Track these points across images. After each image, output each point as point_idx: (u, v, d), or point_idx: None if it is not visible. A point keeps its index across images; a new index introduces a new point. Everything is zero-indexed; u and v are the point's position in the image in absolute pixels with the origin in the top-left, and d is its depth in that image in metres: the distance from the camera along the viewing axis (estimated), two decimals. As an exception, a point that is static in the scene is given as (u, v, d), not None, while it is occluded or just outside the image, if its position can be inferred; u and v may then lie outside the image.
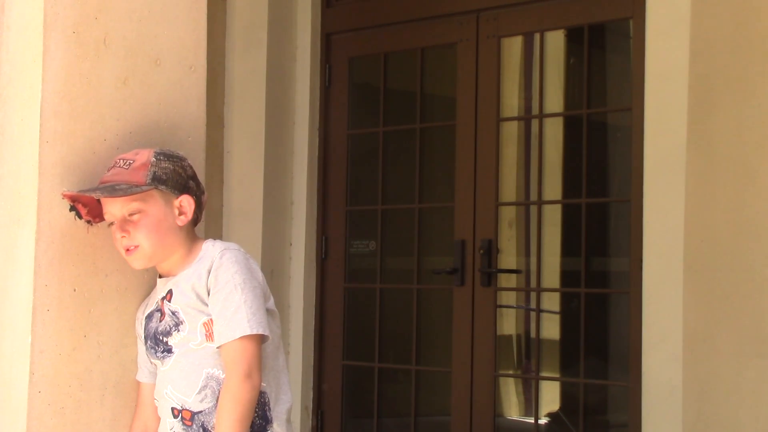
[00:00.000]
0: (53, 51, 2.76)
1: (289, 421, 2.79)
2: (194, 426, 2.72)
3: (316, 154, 6.09)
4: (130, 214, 2.71)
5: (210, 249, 2.75)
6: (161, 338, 2.75)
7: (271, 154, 6.03)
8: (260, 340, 2.68)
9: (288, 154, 6.10)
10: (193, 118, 2.98)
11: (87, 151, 2.79)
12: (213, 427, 2.69)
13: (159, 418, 2.83)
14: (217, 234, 5.92)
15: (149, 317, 2.80)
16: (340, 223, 6.09)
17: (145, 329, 2.80)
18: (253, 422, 2.69)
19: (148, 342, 2.78)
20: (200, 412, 2.71)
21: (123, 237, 2.71)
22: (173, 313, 2.73)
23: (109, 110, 2.83)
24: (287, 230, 6.08)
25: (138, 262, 2.74)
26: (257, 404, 2.69)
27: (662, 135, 4.80)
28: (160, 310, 2.77)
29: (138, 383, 2.86)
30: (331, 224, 6.09)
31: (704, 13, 4.68)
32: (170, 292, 2.75)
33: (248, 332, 2.64)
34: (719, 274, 4.60)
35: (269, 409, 2.75)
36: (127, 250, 2.72)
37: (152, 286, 2.86)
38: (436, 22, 5.79)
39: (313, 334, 6.05)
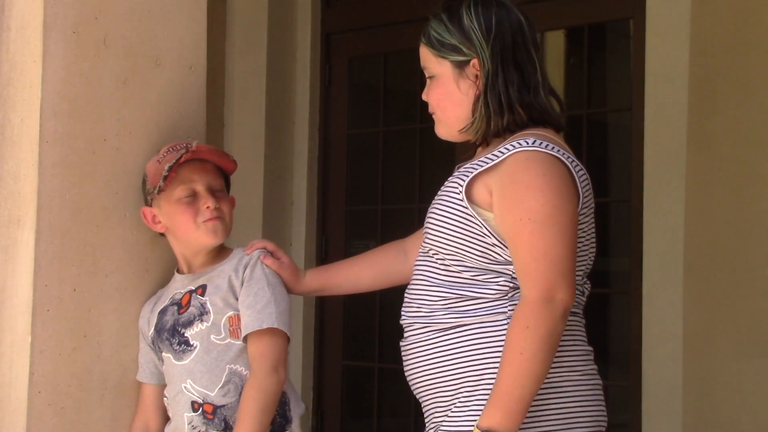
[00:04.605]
0: (53, 51, 2.75)
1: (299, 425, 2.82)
2: (216, 420, 2.72)
3: (316, 154, 6.08)
4: (219, 190, 2.81)
5: (242, 252, 2.84)
6: (180, 330, 2.76)
7: (271, 154, 6.02)
8: (286, 338, 2.72)
9: (288, 154, 6.10)
10: (193, 118, 2.98)
11: (87, 151, 2.79)
12: (235, 422, 2.69)
13: (160, 419, 2.83)
14: (217, 234, 5.91)
15: (163, 312, 2.80)
16: (340, 223, 6.08)
17: (157, 324, 2.80)
18: (274, 420, 2.70)
19: (164, 335, 2.78)
20: (223, 406, 2.72)
21: (216, 208, 2.77)
22: (201, 304, 2.75)
23: (109, 110, 2.83)
24: (287, 230, 6.07)
25: (219, 234, 2.79)
26: (279, 403, 2.71)
27: (662, 135, 4.79)
28: (179, 303, 2.78)
29: (139, 383, 2.86)
30: (331, 224, 6.08)
31: (704, 13, 4.68)
32: (202, 287, 2.77)
33: (275, 325, 2.68)
34: (719, 274, 4.60)
35: (289, 409, 2.77)
36: (214, 219, 2.77)
37: (153, 286, 2.86)
38: (436, 22, 5.78)
39: (313, 334, 6.04)
